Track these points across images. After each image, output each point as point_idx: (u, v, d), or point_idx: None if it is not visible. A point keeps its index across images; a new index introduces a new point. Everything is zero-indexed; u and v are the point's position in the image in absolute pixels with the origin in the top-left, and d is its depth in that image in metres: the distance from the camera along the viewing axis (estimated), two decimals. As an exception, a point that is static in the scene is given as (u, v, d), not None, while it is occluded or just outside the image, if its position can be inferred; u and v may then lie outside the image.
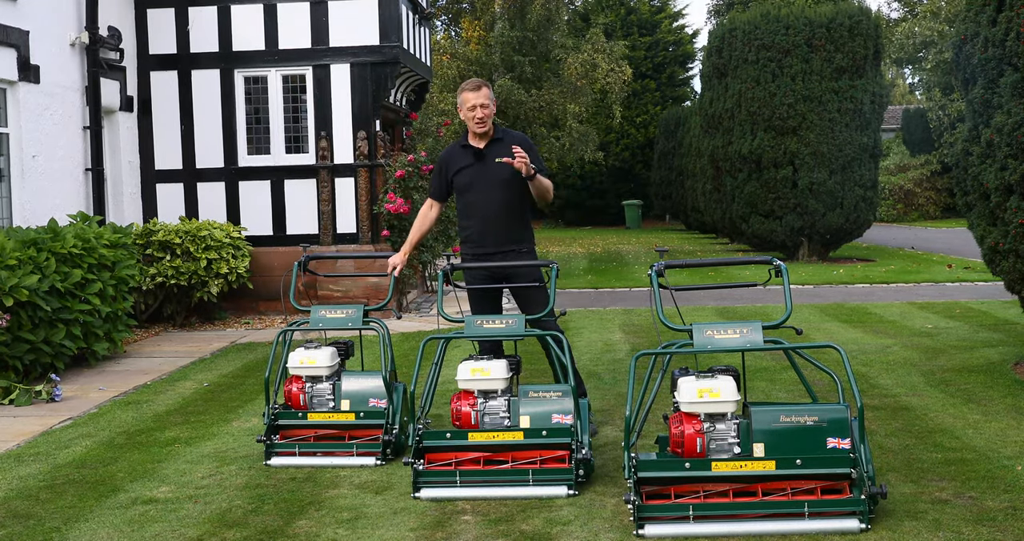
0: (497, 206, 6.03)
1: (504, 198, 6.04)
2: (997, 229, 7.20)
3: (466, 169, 6.11)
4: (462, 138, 6.24)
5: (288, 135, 12.07)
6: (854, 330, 9.90)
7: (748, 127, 17.86)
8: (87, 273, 8.52)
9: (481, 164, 6.07)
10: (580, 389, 6.26)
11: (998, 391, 6.85)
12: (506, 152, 5.94)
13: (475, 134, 6.10)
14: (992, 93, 7.16)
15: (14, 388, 7.53)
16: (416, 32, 13.42)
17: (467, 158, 6.12)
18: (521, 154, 5.78)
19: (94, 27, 10.76)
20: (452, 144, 6.34)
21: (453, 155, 6.21)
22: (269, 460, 5.57)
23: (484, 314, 5.74)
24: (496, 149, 6.05)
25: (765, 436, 4.42)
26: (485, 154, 6.07)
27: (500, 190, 6.04)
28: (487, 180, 6.04)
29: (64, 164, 10.39)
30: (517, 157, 5.77)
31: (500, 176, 6.00)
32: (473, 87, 6.04)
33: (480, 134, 6.08)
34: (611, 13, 36.15)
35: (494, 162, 5.97)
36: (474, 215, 6.09)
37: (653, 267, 5.05)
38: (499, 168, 5.97)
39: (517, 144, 5.99)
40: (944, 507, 4.49)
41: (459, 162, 6.15)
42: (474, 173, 6.08)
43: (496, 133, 6.14)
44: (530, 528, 4.41)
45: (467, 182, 6.10)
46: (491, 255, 6.04)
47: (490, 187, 6.04)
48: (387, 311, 7.10)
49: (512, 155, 5.85)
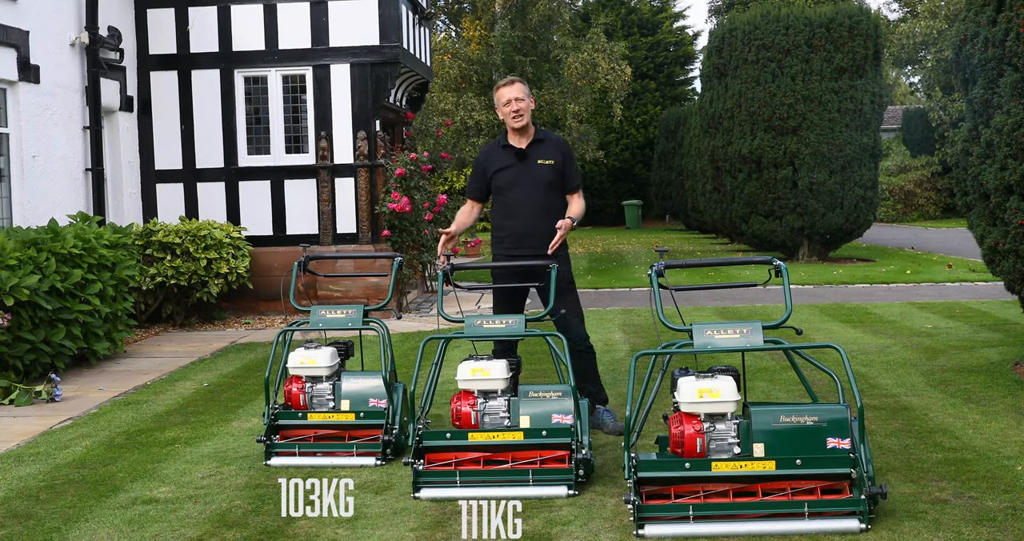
0: (538, 208, 6.00)
1: (545, 200, 6.01)
2: (997, 229, 7.20)
3: (507, 169, 6.06)
4: (500, 138, 6.18)
5: (288, 135, 12.07)
6: (854, 330, 9.90)
7: (748, 127, 17.86)
8: (87, 273, 8.52)
9: (523, 164, 6.03)
10: (601, 395, 6.26)
11: (998, 391, 6.85)
12: (547, 153, 6.01)
13: (513, 131, 6.05)
14: (992, 93, 7.16)
15: (14, 388, 7.53)
16: (416, 32, 13.42)
17: (508, 158, 6.07)
18: (563, 232, 5.83)
19: (94, 27, 10.76)
20: (490, 143, 6.28)
21: (493, 155, 6.15)
22: (269, 460, 5.57)
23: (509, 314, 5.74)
24: (537, 150, 6.04)
25: (765, 436, 4.42)
26: (527, 155, 6.03)
27: (542, 192, 6.01)
28: (529, 181, 6.01)
29: (64, 164, 10.39)
30: (560, 233, 5.84)
31: (543, 177, 6.00)
32: (507, 83, 6.02)
33: (518, 129, 6.02)
34: (612, 13, 36.16)
35: (536, 163, 5.99)
36: (514, 216, 6.05)
37: (653, 267, 5.05)
38: (541, 169, 5.98)
39: (557, 147, 6.05)
40: (944, 507, 4.49)
41: (499, 162, 6.10)
42: (515, 174, 6.03)
43: (537, 134, 6.10)
44: (530, 528, 4.41)
45: (508, 182, 6.05)
46: (529, 256, 5.99)
47: (532, 188, 6.00)
48: (387, 311, 7.10)
49: (552, 157, 5.98)
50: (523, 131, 6.06)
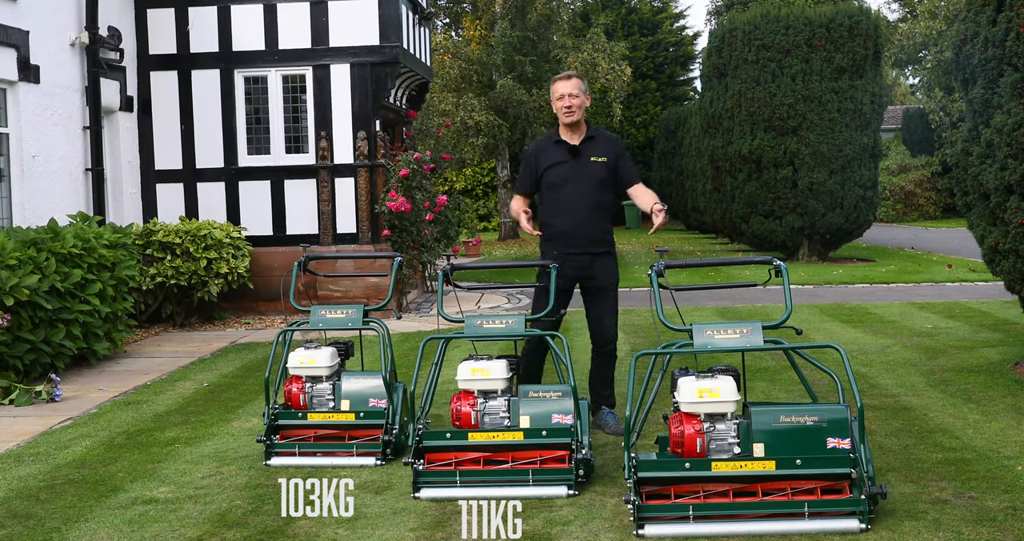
0: (589, 205, 5.95)
1: (597, 197, 5.96)
2: (997, 229, 7.20)
3: (559, 165, 5.97)
4: (552, 133, 6.10)
5: (288, 135, 12.07)
6: (854, 330, 9.90)
7: (748, 127, 17.86)
8: (87, 273, 8.52)
9: (576, 161, 5.95)
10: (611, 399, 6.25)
11: (998, 391, 6.85)
12: (600, 150, 5.96)
13: (565, 126, 5.97)
14: (992, 93, 7.16)
15: (14, 388, 7.53)
16: (416, 32, 13.42)
17: (561, 154, 5.99)
18: (662, 217, 5.65)
19: (94, 27, 10.76)
20: (541, 138, 6.17)
21: (545, 150, 6.06)
22: (269, 460, 5.57)
23: None
24: (590, 147, 5.97)
25: (765, 436, 4.42)
26: (580, 151, 5.96)
27: (594, 189, 5.95)
28: (582, 178, 5.93)
29: (64, 164, 10.39)
30: (662, 219, 5.67)
31: (595, 175, 5.94)
32: (564, 77, 5.95)
33: (569, 124, 5.94)
34: (612, 13, 36.15)
35: (589, 160, 5.94)
36: (564, 213, 5.97)
37: (653, 267, 5.05)
38: (594, 167, 5.92)
39: (609, 145, 5.98)
40: (944, 507, 4.49)
41: (552, 157, 6.00)
42: (569, 170, 5.95)
43: (589, 131, 6.02)
44: (530, 528, 4.41)
45: (561, 179, 5.96)
46: (579, 254, 5.97)
47: (584, 186, 5.93)
48: (387, 311, 7.10)
49: (605, 154, 5.93)
50: (575, 127, 5.98)
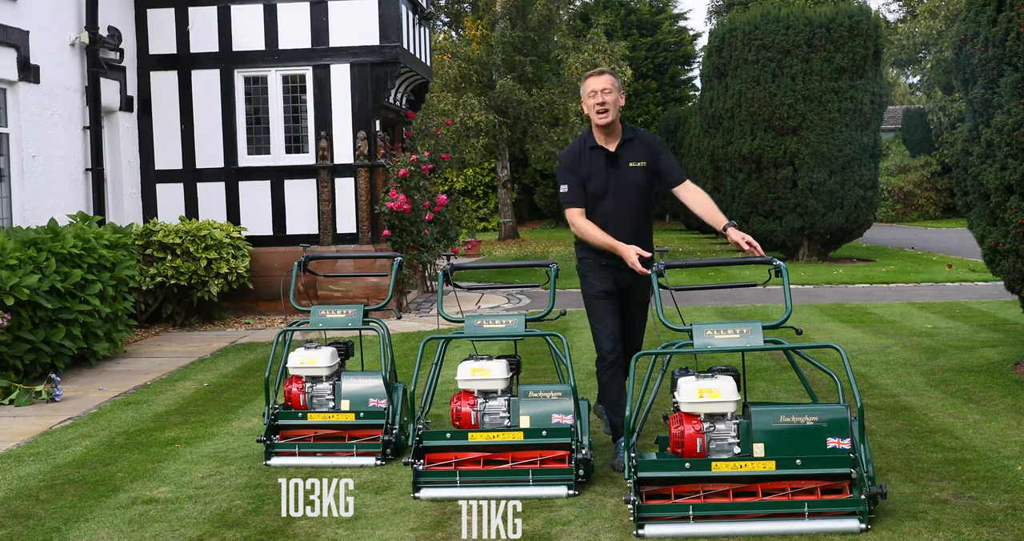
0: (631, 217, 5.48)
1: (638, 208, 5.50)
2: (997, 229, 7.20)
3: (597, 175, 5.45)
4: (586, 135, 5.56)
5: (288, 135, 12.07)
6: (854, 330, 9.90)
7: (748, 127, 17.86)
8: (87, 273, 8.52)
9: (614, 169, 5.45)
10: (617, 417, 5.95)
11: (998, 391, 6.85)
12: (638, 154, 5.47)
13: (599, 128, 5.46)
14: (992, 93, 7.16)
15: (14, 388, 7.53)
16: (416, 32, 13.42)
17: (598, 161, 5.47)
18: (755, 245, 5.14)
19: (94, 27, 10.76)
20: (574, 143, 5.60)
21: (580, 156, 5.50)
22: (269, 460, 5.57)
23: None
24: (628, 151, 5.48)
25: (765, 436, 4.42)
26: (618, 157, 5.46)
27: (635, 198, 5.48)
28: (622, 188, 5.45)
29: (64, 164, 10.39)
30: (754, 249, 5.14)
31: (635, 183, 5.47)
32: (596, 73, 5.47)
33: (603, 125, 5.43)
34: (611, 13, 36.16)
35: (628, 167, 5.46)
36: (604, 226, 5.43)
37: (653, 267, 5.05)
38: (634, 173, 5.45)
39: (647, 145, 5.51)
40: (944, 507, 4.49)
41: (589, 165, 5.47)
42: (606, 180, 5.44)
43: (625, 132, 5.50)
44: (530, 528, 4.41)
45: (599, 190, 5.45)
46: (620, 268, 5.41)
47: (625, 195, 5.45)
48: (387, 311, 7.10)
49: (644, 157, 5.46)
50: (610, 129, 5.45)
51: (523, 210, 36.52)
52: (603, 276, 5.52)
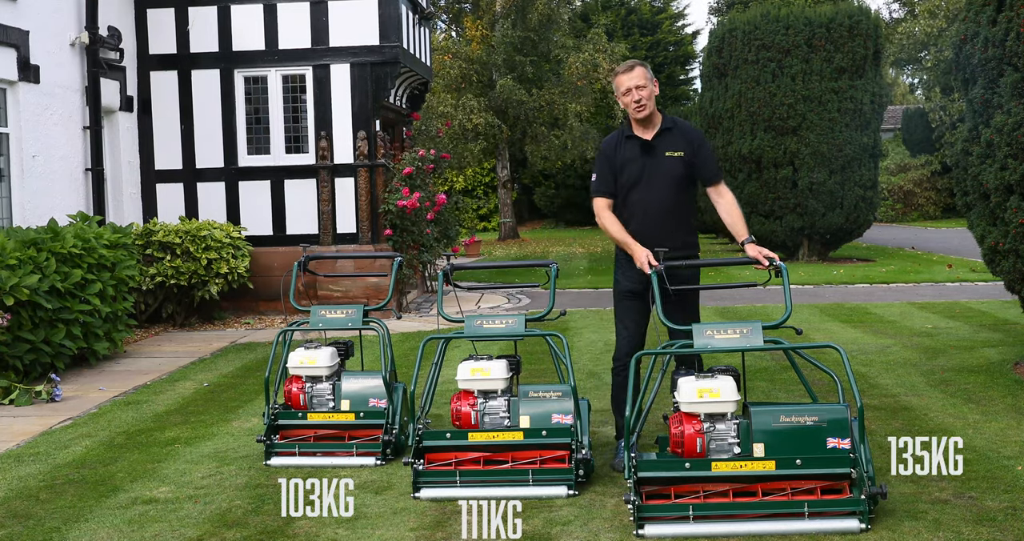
0: (664, 208, 5.35)
1: (671, 198, 5.37)
2: (997, 229, 7.20)
3: (632, 163, 5.39)
4: (624, 127, 5.52)
5: (288, 135, 12.07)
6: (854, 330, 9.90)
7: (748, 127, 17.86)
8: (87, 273, 8.52)
9: (650, 157, 5.37)
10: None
11: (998, 391, 6.85)
12: (676, 144, 5.38)
13: (637, 121, 5.41)
14: (992, 93, 7.16)
15: (14, 388, 7.53)
16: (416, 32, 13.42)
17: (633, 151, 5.40)
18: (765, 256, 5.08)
19: (94, 27, 10.76)
20: (614, 133, 5.58)
21: (617, 146, 5.45)
22: (269, 460, 5.57)
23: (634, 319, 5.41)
24: (665, 141, 5.39)
25: (765, 436, 4.42)
26: (654, 146, 5.38)
27: (669, 188, 5.36)
28: (657, 176, 5.36)
29: (64, 164, 10.39)
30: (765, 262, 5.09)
31: (671, 173, 5.36)
32: (626, 69, 5.37)
33: (641, 120, 5.39)
34: (611, 13, 36.17)
35: (664, 156, 5.36)
36: (637, 216, 5.37)
37: (653, 268, 5.05)
38: (670, 163, 5.36)
39: (686, 136, 5.41)
40: (944, 507, 4.49)
41: (624, 155, 5.41)
42: (641, 169, 5.37)
43: (664, 122, 5.42)
44: (530, 528, 4.41)
45: (633, 178, 5.37)
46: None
47: (658, 184, 5.35)
48: (387, 311, 7.10)
49: (682, 148, 5.36)
50: (648, 121, 5.40)
51: (523, 210, 36.54)
52: (631, 273, 5.40)
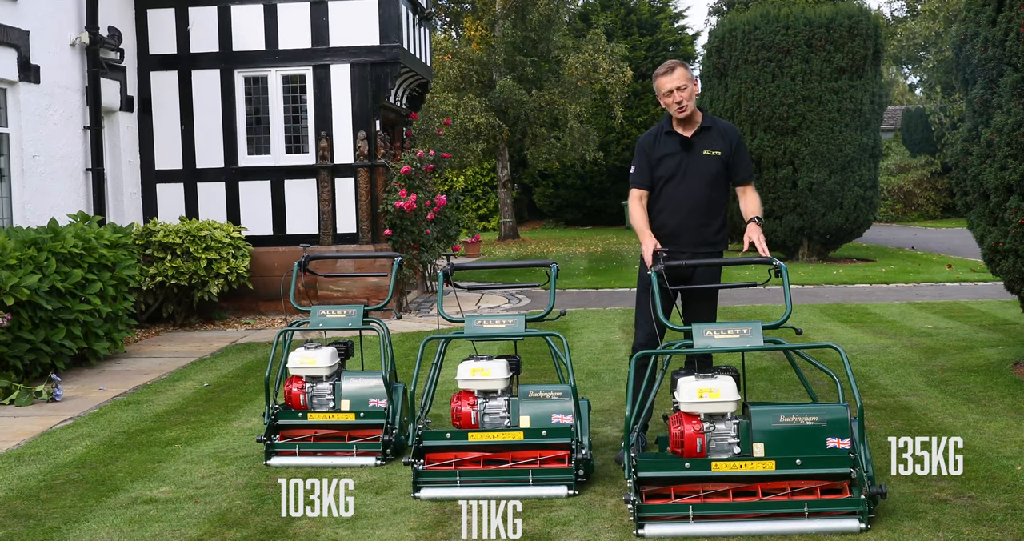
0: (697, 204, 5.49)
1: (706, 196, 5.51)
2: (997, 229, 7.21)
3: (669, 158, 5.52)
4: (664, 122, 5.66)
5: (288, 135, 12.08)
6: (854, 330, 9.90)
7: (748, 127, 17.86)
8: (87, 273, 8.52)
9: (688, 154, 5.50)
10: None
11: (998, 391, 6.85)
12: (715, 143, 5.52)
13: (678, 120, 5.55)
14: (992, 93, 7.16)
15: (14, 388, 7.53)
16: (416, 32, 13.43)
17: (671, 146, 5.54)
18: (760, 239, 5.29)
19: (94, 27, 10.76)
20: (654, 128, 5.71)
21: (656, 141, 5.59)
22: (269, 460, 5.57)
23: None
24: (704, 139, 5.53)
25: (765, 436, 4.42)
26: (693, 143, 5.51)
27: (704, 186, 5.50)
28: (692, 174, 5.49)
29: (64, 164, 10.39)
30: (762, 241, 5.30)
31: (707, 170, 5.50)
32: (666, 70, 5.50)
33: (682, 120, 5.53)
34: (611, 13, 36.17)
35: (701, 154, 5.50)
36: (669, 209, 5.51)
37: (652, 268, 5.05)
38: (707, 161, 5.50)
39: (724, 136, 5.56)
40: (944, 507, 4.49)
41: (662, 149, 5.55)
42: (678, 164, 5.50)
43: (704, 121, 5.57)
44: (530, 528, 4.41)
45: (670, 173, 5.51)
46: (686, 256, 5.43)
47: (695, 181, 5.49)
48: (387, 311, 7.10)
49: (720, 147, 5.51)
50: (688, 119, 5.55)
51: (523, 210, 36.54)
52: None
